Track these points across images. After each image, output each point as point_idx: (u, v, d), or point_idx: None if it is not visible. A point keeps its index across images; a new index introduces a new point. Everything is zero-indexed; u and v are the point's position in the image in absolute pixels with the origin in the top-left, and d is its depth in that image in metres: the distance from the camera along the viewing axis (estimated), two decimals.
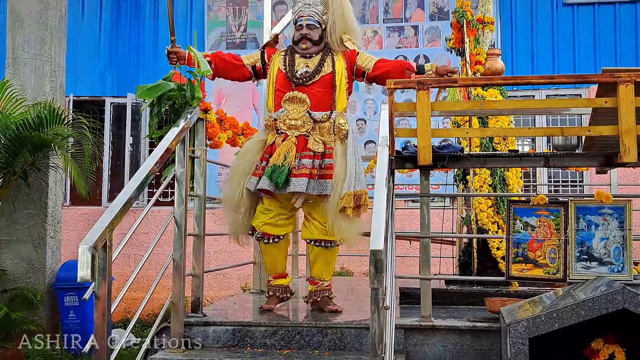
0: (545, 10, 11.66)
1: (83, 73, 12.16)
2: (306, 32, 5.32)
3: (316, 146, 5.11)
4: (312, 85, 5.22)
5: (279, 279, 5.42)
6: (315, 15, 5.35)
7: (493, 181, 6.61)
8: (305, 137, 5.15)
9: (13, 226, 7.33)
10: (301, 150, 5.11)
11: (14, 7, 7.65)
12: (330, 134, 5.17)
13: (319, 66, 5.26)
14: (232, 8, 12.30)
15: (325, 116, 5.17)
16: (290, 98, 5.21)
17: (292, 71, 5.26)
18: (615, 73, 4.14)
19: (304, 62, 5.31)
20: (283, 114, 5.22)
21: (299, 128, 5.16)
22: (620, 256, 4.41)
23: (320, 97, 5.21)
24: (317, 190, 5.01)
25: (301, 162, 5.06)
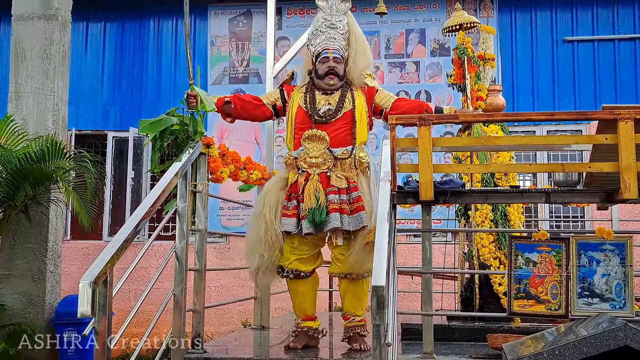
0: (546, 47, 11.74)
1: (86, 107, 12.21)
2: (333, 65, 5.31)
3: (339, 182, 5.10)
4: (334, 122, 5.22)
5: (308, 321, 5.29)
6: (340, 49, 5.37)
7: (495, 216, 6.61)
8: (327, 175, 5.13)
9: (13, 260, 7.31)
10: (325, 187, 5.09)
11: (17, 41, 7.70)
12: (352, 168, 5.17)
13: (340, 102, 5.25)
14: (235, 43, 12.39)
15: (345, 152, 5.17)
16: (309, 136, 5.19)
17: (314, 109, 5.25)
18: (615, 110, 4.16)
19: (324, 99, 5.30)
20: (303, 152, 5.20)
21: (320, 165, 5.14)
22: (622, 292, 4.39)
23: (341, 133, 5.21)
24: (352, 224, 5.00)
25: (328, 198, 5.04)
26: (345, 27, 5.43)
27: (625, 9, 11.64)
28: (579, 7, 11.77)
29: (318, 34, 5.43)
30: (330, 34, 5.39)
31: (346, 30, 5.43)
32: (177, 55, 12.53)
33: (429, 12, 12.05)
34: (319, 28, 5.44)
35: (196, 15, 12.58)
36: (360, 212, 5.01)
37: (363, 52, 5.46)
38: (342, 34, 5.40)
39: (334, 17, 5.44)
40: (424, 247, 4.74)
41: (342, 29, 5.42)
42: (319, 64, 5.38)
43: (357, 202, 5.05)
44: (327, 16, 5.45)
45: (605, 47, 11.58)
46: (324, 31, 5.41)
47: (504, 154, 6.64)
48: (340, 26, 5.41)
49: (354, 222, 5.00)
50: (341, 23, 5.43)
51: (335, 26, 5.41)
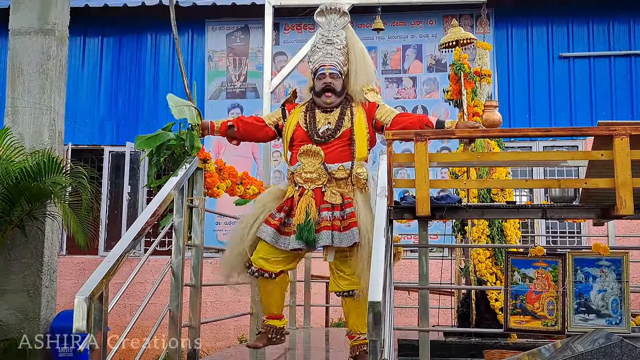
0: (542, 63, 11.78)
1: (82, 121, 12.22)
2: (329, 81, 5.21)
3: (333, 198, 5.01)
4: (334, 141, 5.12)
5: (273, 320, 5.20)
6: (338, 65, 5.28)
7: (491, 232, 6.62)
8: (322, 190, 5.05)
9: (8, 275, 7.29)
10: (319, 203, 5.00)
11: (14, 56, 7.70)
12: (347, 184, 5.07)
13: (340, 121, 5.17)
14: (232, 58, 12.41)
15: (342, 168, 5.07)
16: (305, 151, 5.11)
17: (314, 129, 5.17)
18: (610, 126, 4.17)
19: (324, 118, 5.22)
20: (299, 167, 5.12)
21: (315, 181, 5.06)
22: (618, 308, 4.39)
23: (338, 149, 5.12)
24: (344, 241, 4.90)
25: (320, 215, 4.96)
26: (343, 41, 5.38)
27: (621, 25, 11.70)
28: (575, 24, 11.82)
29: (316, 51, 5.39)
30: (328, 50, 5.33)
31: (344, 45, 5.37)
32: (174, 70, 12.55)
33: (426, 28, 12.09)
34: (317, 44, 5.40)
35: (193, 30, 12.62)
36: (353, 229, 4.91)
37: (363, 66, 5.37)
38: (339, 49, 5.34)
39: (331, 33, 5.39)
40: (421, 262, 4.73)
41: (340, 43, 5.36)
42: (316, 80, 5.31)
43: (350, 219, 4.96)
44: (324, 32, 5.41)
45: (601, 64, 11.62)
46: (322, 47, 5.36)
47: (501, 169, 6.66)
48: (337, 41, 5.36)
49: (346, 239, 4.90)
50: (339, 38, 5.37)
51: (333, 42, 5.36)
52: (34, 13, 7.74)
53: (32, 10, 7.74)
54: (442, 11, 11.93)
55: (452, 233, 7.52)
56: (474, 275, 6.57)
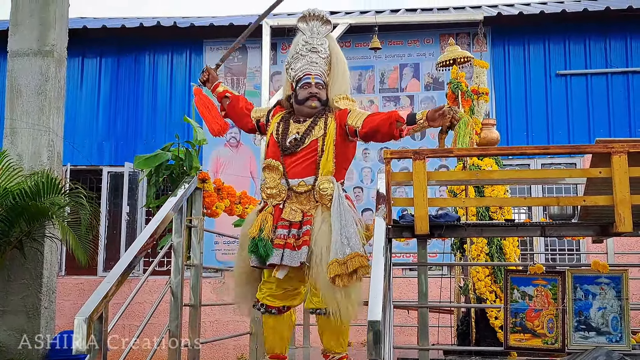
0: (539, 81, 11.82)
1: (81, 142, 12.24)
2: (316, 91, 4.98)
3: (292, 215, 4.77)
4: (299, 151, 4.85)
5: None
6: (322, 74, 5.07)
7: (490, 250, 6.62)
8: (280, 207, 4.83)
9: (7, 296, 7.28)
10: (276, 220, 4.78)
11: (13, 78, 7.74)
12: (310, 201, 4.81)
13: (309, 130, 4.90)
14: (230, 78, 12.44)
15: (303, 183, 4.81)
16: (266, 166, 4.90)
17: (284, 139, 4.92)
18: (608, 144, 4.18)
19: (296, 128, 4.95)
20: (263, 182, 4.94)
21: (275, 197, 4.84)
22: (618, 326, 4.38)
23: (302, 163, 4.85)
24: (292, 260, 4.64)
25: (276, 232, 4.73)
26: (327, 50, 5.15)
27: (618, 42, 11.75)
28: (572, 41, 11.87)
29: (298, 58, 5.13)
30: (312, 58, 5.10)
31: (328, 55, 5.15)
32: (172, 91, 12.58)
33: (423, 46, 12.13)
34: (300, 52, 5.14)
35: (191, 50, 12.66)
36: (303, 248, 4.66)
37: (343, 76, 5.15)
38: (323, 58, 5.12)
39: (315, 40, 5.16)
40: (420, 280, 4.73)
41: (324, 52, 5.13)
42: (299, 89, 5.04)
43: (303, 237, 4.71)
44: (308, 39, 5.16)
45: (598, 81, 11.66)
46: (305, 55, 5.11)
47: (499, 187, 6.66)
48: (321, 50, 5.13)
49: (296, 258, 4.65)
50: (322, 47, 5.15)
51: (317, 50, 5.13)
52: (33, 35, 7.78)
53: (31, 32, 7.78)
54: (439, 30, 11.99)
55: (451, 251, 7.52)
56: (473, 294, 6.57)
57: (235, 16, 13.39)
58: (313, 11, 5.19)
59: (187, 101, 12.30)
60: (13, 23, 7.90)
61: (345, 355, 4.90)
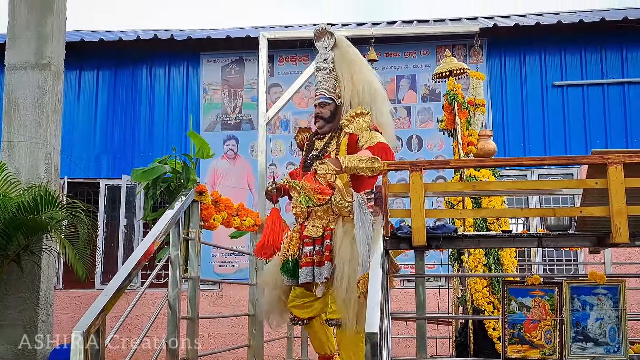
0: (535, 92, 11.84)
1: (78, 155, 12.23)
2: (318, 111, 5.29)
3: (314, 231, 4.95)
4: None
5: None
6: (326, 92, 5.28)
7: (487, 261, 6.62)
8: (305, 225, 5.05)
9: (4, 310, 7.26)
10: (302, 238, 5.01)
11: (10, 91, 7.74)
12: (329, 214, 4.95)
13: (325, 147, 5.16)
14: (228, 90, 12.46)
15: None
16: (291, 187, 5.04)
17: (307, 156, 5.28)
18: (604, 155, 4.19)
19: (317, 145, 5.28)
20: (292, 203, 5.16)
21: (299, 215, 5.09)
22: (615, 336, 4.39)
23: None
24: (319, 277, 4.84)
25: (303, 250, 4.97)
26: (330, 64, 5.32)
27: (614, 53, 11.78)
28: (568, 52, 11.90)
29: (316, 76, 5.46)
30: (319, 77, 5.37)
31: (332, 68, 5.31)
32: (169, 103, 12.59)
33: (419, 58, 12.16)
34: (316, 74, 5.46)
35: (188, 62, 12.67)
36: (326, 263, 4.85)
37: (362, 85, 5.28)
38: (327, 74, 5.32)
39: (320, 58, 5.39)
40: (418, 292, 4.74)
41: (327, 68, 5.32)
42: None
43: (325, 252, 4.89)
44: (318, 58, 5.43)
45: (594, 92, 11.68)
46: (315, 75, 5.44)
47: (496, 198, 6.67)
48: (324, 66, 5.34)
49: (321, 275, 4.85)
50: (326, 62, 5.34)
51: (320, 67, 5.36)
52: (30, 48, 7.78)
53: (28, 45, 7.79)
54: (436, 42, 12.01)
55: (449, 262, 7.52)
56: (471, 305, 6.57)
57: (232, 29, 13.42)
58: (319, 28, 5.43)
59: (184, 114, 12.31)
60: (10, 36, 7.91)
61: None
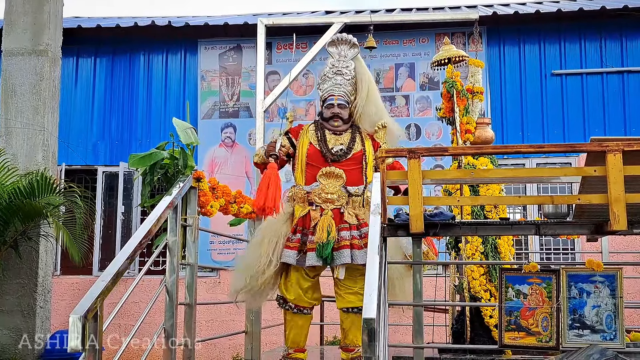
0: (534, 80, 11.82)
1: (76, 142, 12.22)
2: (338, 111, 5.56)
3: (350, 219, 5.29)
4: (345, 161, 5.43)
5: (299, 353, 5.47)
6: (345, 95, 5.60)
7: (485, 249, 6.62)
8: (341, 211, 5.33)
9: (2, 296, 7.27)
10: (338, 223, 5.27)
11: (7, 77, 7.73)
12: (361, 207, 5.37)
13: (351, 143, 5.49)
14: (225, 78, 12.43)
15: (358, 190, 5.39)
16: (327, 173, 5.40)
17: (327, 147, 5.46)
18: (603, 142, 4.19)
19: (335, 139, 5.53)
20: (318, 187, 5.38)
21: (335, 202, 5.34)
22: (612, 324, 4.39)
23: (354, 173, 5.42)
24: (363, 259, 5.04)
25: (340, 234, 5.22)
26: (352, 72, 5.69)
27: (613, 42, 11.76)
28: (567, 41, 11.88)
29: (326, 80, 5.70)
30: (337, 80, 5.64)
31: (353, 76, 5.69)
32: (167, 90, 12.56)
33: (418, 46, 12.14)
34: (327, 74, 5.71)
35: (186, 49, 12.64)
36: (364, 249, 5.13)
37: (371, 97, 5.68)
38: (347, 80, 5.65)
39: (341, 64, 5.70)
40: (415, 279, 4.73)
41: (349, 74, 5.67)
42: (325, 109, 5.66)
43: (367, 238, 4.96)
44: (335, 62, 5.71)
45: (593, 80, 11.66)
46: (331, 77, 5.67)
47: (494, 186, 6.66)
48: (346, 72, 5.67)
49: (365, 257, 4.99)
50: (348, 69, 5.69)
51: (342, 72, 5.66)
52: (27, 34, 7.77)
53: (25, 31, 7.78)
54: (435, 29, 11.99)
55: (446, 250, 7.52)
56: (468, 292, 6.57)
57: (230, 16, 13.37)
58: (341, 37, 5.84)
59: (182, 101, 12.29)
60: (7, 22, 7.89)
61: None
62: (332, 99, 5.60)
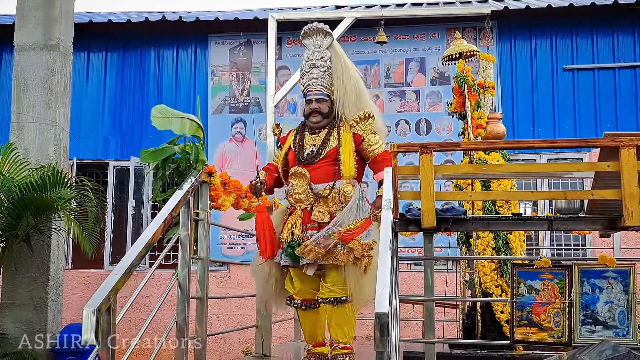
0: (546, 75, 11.78)
1: (87, 136, 12.25)
2: (316, 106, 5.44)
3: (321, 217, 5.20)
4: (319, 161, 5.32)
5: (319, 347, 5.40)
6: (323, 89, 5.46)
7: (496, 244, 6.61)
8: (309, 210, 5.26)
9: (15, 289, 7.29)
10: (306, 222, 5.22)
11: (19, 72, 7.73)
12: (335, 203, 5.24)
13: (325, 142, 5.36)
14: (236, 73, 12.44)
15: (327, 187, 5.24)
16: (293, 173, 5.34)
17: (301, 151, 5.40)
18: (617, 137, 4.17)
19: (312, 140, 5.42)
20: (291, 188, 5.36)
21: (303, 201, 5.28)
22: (625, 320, 4.38)
23: (323, 170, 5.30)
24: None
25: (306, 234, 5.16)
26: (327, 63, 5.53)
27: (625, 37, 11.71)
28: (579, 36, 11.83)
29: (304, 75, 5.62)
30: (313, 74, 5.51)
31: (328, 67, 5.52)
32: (177, 85, 12.59)
33: (429, 41, 12.11)
34: (304, 68, 5.61)
35: (197, 45, 12.66)
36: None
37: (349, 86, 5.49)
38: (324, 72, 5.51)
39: (315, 56, 5.55)
40: (426, 275, 4.73)
41: (324, 66, 5.52)
42: (305, 105, 5.58)
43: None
44: (310, 54, 5.59)
45: (605, 76, 11.62)
46: (308, 71, 5.56)
47: (506, 181, 6.65)
48: (321, 64, 5.52)
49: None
50: (323, 60, 5.53)
51: (317, 65, 5.52)
52: (39, 29, 7.77)
53: (37, 26, 7.78)
54: (445, 24, 11.96)
55: (457, 246, 7.52)
56: (479, 288, 6.57)
57: (240, 11, 13.39)
58: (313, 26, 5.62)
59: (192, 96, 12.31)
60: (19, 17, 7.90)
61: (349, 345, 5.23)
62: (310, 94, 5.50)
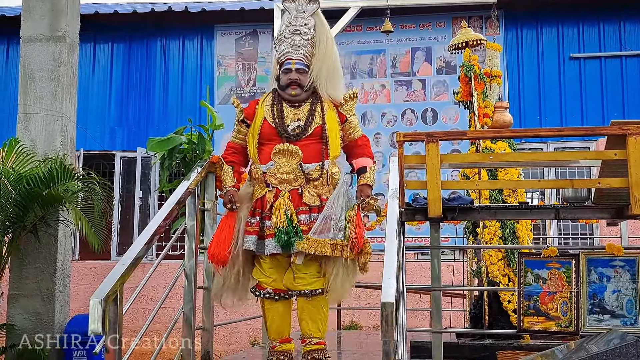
0: (552, 64, 11.75)
1: (93, 128, 12.27)
2: (296, 77, 4.85)
3: (311, 200, 4.70)
4: (305, 138, 4.79)
5: (285, 344, 4.83)
6: (304, 58, 4.91)
7: (503, 233, 6.60)
8: (299, 192, 4.73)
9: (22, 280, 7.31)
10: (297, 205, 4.69)
11: (26, 63, 7.74)
12: (324, 185, 4.76)
13: (310, 118, 4.82)
14: (242, 63, 12.44)
15: (318, 167, 4.74)
16: (280, 150, 4.75)
17: (282, 125, 4.81)
18: (624, 126, 4.16)
19: (293, 113, 4.85)
20: (273, 167, 4.75)
21: (292, 182, 4.72)
22: (632, 309, 4.37)
23: (312, 149, 4.78)
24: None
25: (298, 218, 4.66)
26: (311, 31, 4.98)
27: (632, 25, 11.66)
28: (586, 24, 11.78)
29: (282, 40, 4.98)
30: (295, 41, 4.93)
31: (313, 36, 4.98)
32: (183, 75, 12.59)
33: (435, 30, 12.09)
34: (284, 33, 4.99)
35: (203, 35, 12.66)
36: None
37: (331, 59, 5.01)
38: (307, 40, 4.95)
39: (298, 21, 4.98)
40: (433, 264, 4.72)
41: (308, 34, 4.96)
42: (281, 74, 4.93)
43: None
44: (292, 19, 5.00)
45: (612, 64, 11.58)
46: (288, 37, 4.95)
47: (512, 170, 6.64)
48: (305, 31, 4.96)
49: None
50: (307, 27, 4.98)
51: (300, 32, 4.95)
52: (45, 20, 7.77)
53: (43, 17, 7.77)
54: (452, 13, 11.93)
55: (464, 235, 7.51)
56: (486, 277, 6.56)
57: (246, 1, 13.35)
58: None
59: (198, 86, 12.31)
60: (25, 9, 7.89)
61: (323, 341, 4.80)
62: (290, 62, 4.86)
